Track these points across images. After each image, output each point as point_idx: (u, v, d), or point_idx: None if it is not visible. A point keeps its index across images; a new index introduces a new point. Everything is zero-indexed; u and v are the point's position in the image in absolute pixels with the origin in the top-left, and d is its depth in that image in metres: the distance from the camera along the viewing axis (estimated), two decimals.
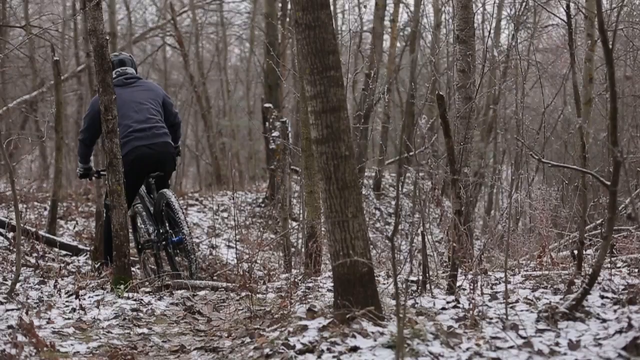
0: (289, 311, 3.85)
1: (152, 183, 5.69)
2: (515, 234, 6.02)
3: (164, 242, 5.58)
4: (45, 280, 5.19)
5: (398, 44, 14.51)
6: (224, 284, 5.40)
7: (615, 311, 3.29)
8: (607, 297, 3.53)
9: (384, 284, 4.17)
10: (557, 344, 2.95)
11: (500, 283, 4.16)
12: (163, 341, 3.92)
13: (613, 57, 3.14)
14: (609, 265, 4.17)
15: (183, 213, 5.48)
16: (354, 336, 3.06)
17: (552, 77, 12.77)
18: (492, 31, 10.17)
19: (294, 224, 8.59)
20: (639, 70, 10.74)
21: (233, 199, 9.83)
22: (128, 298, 4.68)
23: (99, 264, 5.84)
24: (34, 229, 6.28)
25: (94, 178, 6.09)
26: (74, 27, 14.42)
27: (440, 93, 4.01)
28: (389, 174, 13.60)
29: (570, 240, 5.86)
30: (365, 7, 15.53)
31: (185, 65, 15.28)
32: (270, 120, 8.90)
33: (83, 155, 5.81)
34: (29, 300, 4.45)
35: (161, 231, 5.59)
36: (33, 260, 5.84)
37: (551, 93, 9.97)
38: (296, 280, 4.99)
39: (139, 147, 5.48)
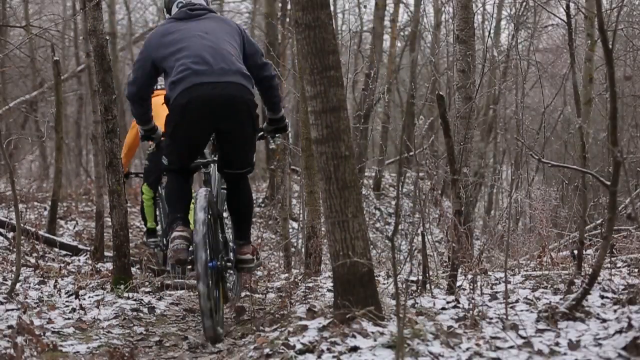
0: (289, 311, 3.85)
1: (207, 177, 4.24)
2: (515, 234, 6.02)
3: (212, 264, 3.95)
4: (45, 280, 5.19)
5: (398, 44, 14.52)
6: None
7: (615, 311, 3.29)
8: (607, 297, 3.53)
9: (384, 284, 4.17)
10: (557, 344, 2.95)
11: (500, 283, 4.16)
12: (163, 341, 3.92)
13: (613, 57, 3.14)
14: (609, 265, 4.17)
15: (218, 233, 4.10)
16: (354, 336, 3.05)
17: (552, 77, 12.77)
18: (492, 31, 10.18)
19: (294, 224, 8.59)
20: (639, 70, 10.74)
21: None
22: (128, 298, 4.68)
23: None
24: (34, 229, 6.28)
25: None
26: (74, 27, 14.42)
27: (440, 93, 4.01)
28: (389, 174, 13.60)
29: (570, 240, 5.86)
30: (365, 7, 15.52)
31: None
32: None
33: (137, 115, 4.28)
34: (28, 300, 4.45)
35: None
36: (33, 260, 5.84)
37: (551, 93, 9.96)
38: (296, 280, 5.00)
39: (196, 85, 3.77)
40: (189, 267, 4.70)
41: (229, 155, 4.08)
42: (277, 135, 4.50)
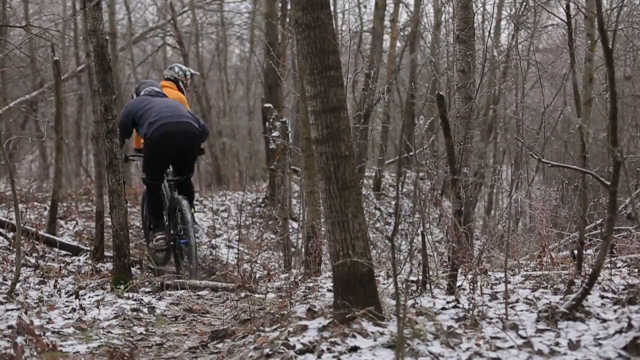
0: (289, 311, 3.85)
1: (172, 184, 6.27)
2: (515, 234, 6.02)
3: (171, 242, 6.17)
4: (45, 280, 5.19)
5: (398, 44, 14.52)
6: (224, 284, 5.41)
7: (615, 311, 3.29)
8: (607, 297, 3.53)
9: (384, 284, 4.17)
10: (557, 344, 2.95)
11: (500, 283, 4.16)
12: (163, 341, 3.93)
13: (613, 57, 3.14)
14: (609, 265, 4.17)
15: (192, 219, 6.02)
16: (354, 336, 3.06)
17: (552, 77, 12.76)
18: (492, 31, 10.17)
19: (294, 224, 8.59)
20: (639, 70, 10.74)
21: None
22: (128, 298, 4.68)
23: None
24: (34, 229, 6.28)
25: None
26: (74, 27, 14.42)
27: (440, 93, 4.01)
28: (389, 174, 13.60)
29: (570, 240, 5.85)
30: (365, 7, 15.54)
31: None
32: (270, 120, 8.89)
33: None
34: (28, 300, 4.45)
35: (172, 232, 6.17)
36: (33, 260, 5.84)
37: (551, 93, 9.96)
38: (296, 280, 5.00)
39: (165, 124, 5.95)
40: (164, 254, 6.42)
41: (184, 167, 6.24)
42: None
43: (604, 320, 3.19)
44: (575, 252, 4.20)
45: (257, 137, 16.78)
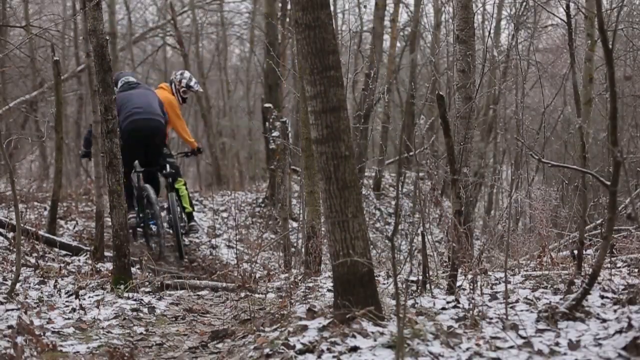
0: (289, 311, 3.85)
1: (139, 175, 7.22)
2: (515, 234, 6.02)
3: (142, 224, 7.23)
4: (45, 280, 5.19)
5: (398, 44, 14.50)
6: (224, 284, 5.41)
7: (615, 311, 3.29)
8: (607, 297, 3.53)
9: (384, 284, 4.17)
10: (557, 344, 2.96)
11: (500, 283, 4.16)
12: (163, 341, 3.93)
13: (613, 57, 3.14)
14: (609, 265, 4.17)
15: (158, 204, 7.00)
16: (354, 336, 3.06)
17: (552, 77, 12.75)
18: (492, 31, 10.16)
19: (294, 224, 8.59)
20: (639, 70, 10.74)
21: (234, 198, 9.84)
22: (128, 298, 4.68)
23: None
24: (34, 229, 6.28)
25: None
26: (74, 27, 14.41)
27: (440, 93, 4.00)
28: (389, 174, 13.59)
29: (570, 240, 5.85)
30: (365, 7, 15.52)
31: (185, 65, 15.29)
32: (270, 120, 8.88)
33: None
34: (28, 300, 4.45)
35: (141, 215, 7.20)
36: (33, 260, 5.84)
37: (551, 93, 9.95)
38: (296, 280, 5.00)
39: (137, 120, 6.99)
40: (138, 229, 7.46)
41: (151, 159, 7.20)
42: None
43: (604, 320, 3.19)
44: (575, 252, 4.20)
45: (257, 137, 16.78)
